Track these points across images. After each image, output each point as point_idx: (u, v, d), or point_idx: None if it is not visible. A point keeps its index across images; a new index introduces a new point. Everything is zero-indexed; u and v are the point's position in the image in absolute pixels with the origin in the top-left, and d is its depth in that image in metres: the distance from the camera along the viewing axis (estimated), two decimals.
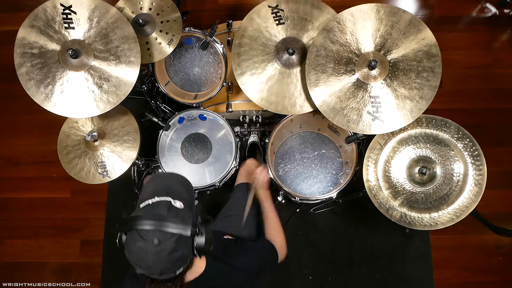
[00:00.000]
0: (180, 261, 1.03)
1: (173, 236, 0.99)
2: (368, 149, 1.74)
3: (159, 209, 1.02)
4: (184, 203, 1.05)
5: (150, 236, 0.98)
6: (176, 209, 1.03)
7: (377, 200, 1.69)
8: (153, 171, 2.25)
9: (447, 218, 1.64)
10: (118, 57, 1.60)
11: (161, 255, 0.98)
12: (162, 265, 1.00)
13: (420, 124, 1.71)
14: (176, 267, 1.03)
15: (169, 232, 0.98)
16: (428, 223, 1.65)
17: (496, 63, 2.68)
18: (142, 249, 0.98)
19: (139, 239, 0.99)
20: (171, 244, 0.99)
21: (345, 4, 1.66)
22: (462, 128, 1.68)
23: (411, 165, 1.71)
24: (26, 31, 1.58)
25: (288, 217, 2.43)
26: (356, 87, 1.60)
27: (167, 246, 0.98)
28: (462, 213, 1.63)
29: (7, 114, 2.74)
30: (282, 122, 2.01)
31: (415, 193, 1.69)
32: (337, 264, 2.40)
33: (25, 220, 2.60)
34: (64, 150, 1.90)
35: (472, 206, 1.63)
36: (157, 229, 0.98)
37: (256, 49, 1.73)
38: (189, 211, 1.06)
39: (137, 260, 1.00)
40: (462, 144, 1.68)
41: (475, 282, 2.41)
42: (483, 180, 1.64)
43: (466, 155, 1.67)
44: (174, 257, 1.00)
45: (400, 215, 1.67)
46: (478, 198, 1.63)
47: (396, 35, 1.59)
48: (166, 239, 0.98)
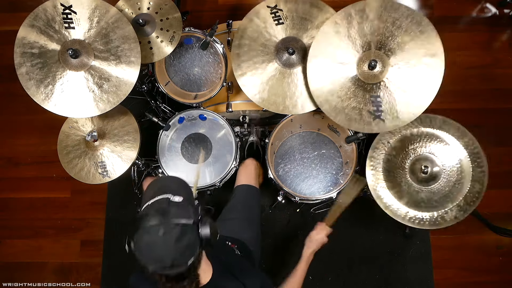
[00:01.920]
0: (188, 249, 1.03)
1: (177, 226, 1.01)
2: (371, 149, 1.74)
3: (160, 204, 1.04)
4: (183, 198, 1.07)
5: (155, 229, 1.00)
6: (176, 203, 1.05)
7: (382, 201, 1.70)
8: (153, 171, 2.25)
9: (453, 215, 1.66)
10: (119, 57, 1.60)
11: (169, 244, 1.00)
12: (171, 254, 1.01)
13: (421, 124, 1.71)
14: (186, 257, 1.03)
15: (173, 222, 1.01)
16: (437, 221, 1.67)
17: (496, 63, 2.67)
18: (149, 242, 1.01)
19: (145, 235, 1.01)
20: (177, 232, 1.00)
21: (345, 4, 1.66)
22: (462, 127, 1.69)
23: (413, 164, 1.71)
24: (26, 31, 1.58)
25: (288, 217, 2.43)
26: (357, 87, 1.60)
27: (173, 234, 1.00)
28: (468, 208, 1.65)
29: (7, 114, 2.74)
30: (282, 122, 2.01)
31: (420, 192, 1.69)
32: (337, 264, 2.40)
33: (25, 220, 2.60)
34: (64, 150, 1.90)
35: (475, 204, 1.64)
36: (161, 221, 1.00)
37: (256, 50, 1.73)
38: (189, 204, 1.07)
39: (147, 255, 1.02)
40: (462, 142, 1.69)
41: (475, 282, 2.41)
42: (485, 177, 1.65)
43: (466, 153, 1.67)
44: (181, 245, 1.01)
45: (407, 214, 1.68)
46: (480, 196, 1.64)
47: (397, 33, 1.58)
48: (171, 229, 1.00)
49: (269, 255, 2.35)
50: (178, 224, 1.01)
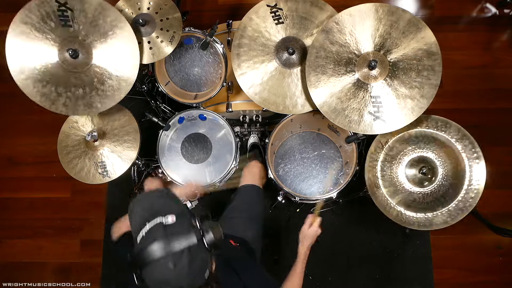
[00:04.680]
0: (202, 266, 1.02)
1: (184, 251, 0.97)
2: (371, 146, 1.74)
3: (156, 233, 0.99)
4: (175, 215, 1.02)
5: (164, 263, 0.96)
6: (171, 226, 1.00)
7: (376, 197, 1.70)
8: (153, 171, 2.25)
9: (441, 220, 1.64)
10: (118, 57, 1.60)
11: (183, 274, 0.97)
12: (188, 279, 0.99)
13: (421, 125, 1.71)
14: (202, 273, 1.02)
15: (178, 249, 0.97)
16: (422, 223, 1.65)
17: (496, 63, 2.67)
18: (162, 277, 0.97)
19: (156, 271, 0.97)
20: (186, 258, 0.97)
21: (345, 3, 1.66)
22: (463, 129, 1.68)
23: (411, 165, 1.71)
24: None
25: (288, 217, 2.43)
26: (357, 88, 1.60)
27: (184, 263, 0.97)
28: (457, 215, 1.63)
29: (7, 114, 2.74)
30: (282, 122, 2.01)
31: (413, 193, 1.69)
32: (337, 264, 2.40)
33: (25, 220, 2.60)
34: (64, 150, 1.90)
35: (470, 207, 1.63)
36: (166, 252, 0.96)
37: (255, 49, 1.73)
38: (184, 220, 1.03)
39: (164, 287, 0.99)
40: (461, 146, 1.67)
41: (475, 282, 2.41)
42: (482, 183, 1.63)
43: (466, 157, 1.66)
44: (195, 267, 0.99)
45: (397, 213, 1.68)
46: (475, 201, 1.62)
47: (395, 35, 1.59)
48: (179, 258, 0.97)
49: (269, 255, 2.35)
50: (183, 249, 0.97)
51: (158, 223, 0.99)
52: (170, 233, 0.98)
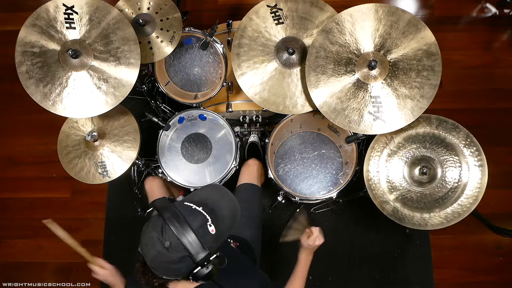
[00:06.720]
0: (173, 274, 1.04)
1: (182, 252, 1.00)
2: (374, 140, 1.73)
3: (194, 219, 1.02)
4: (216, 232, 1.04)
5: (167, 235, 1.00)
6: (206, 231, 1.02)
7: (373, 191, 1.69)
8: (153, 171, 2.25)
9: (437, 221, 1.64)
10: (118, 59, 1.60)
11: (161, 259, 1.01)
12: (156, 264, 1.03)
13: (430, 124, 1.70)
14: (166, 275, 1.05)
15: (182, 246, 0.99)
16: (417, 222, 1.65)
17: (496, 63, 2.68)
18: (152, 241, 1.01)
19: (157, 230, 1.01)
20: (175, 256, 1.00)
21: (345, 3, 1.66)
22: (472, 136, 1.66)
23: (413, 163, 1.71)
24: (28, 30, 1.58)
25: (288, 217, 2.43)
26: (357, 88, 1.60)
27: (171, 255, 1.00)
28: (453, 218, 1.63)
29: (7, 114, 2.74)
30: (282, 122, 2.01)
31: (411, 191, 1.69)
32: (337, 264, 2.40)
33: (25, 220, 2.60)
34: (64, 150, 1.90)
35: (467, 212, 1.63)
36: (177, 235, 0.99)
37: (255, 50, 1.73)
38: (214, 241, 1.05)
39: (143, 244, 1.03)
40: (468, 152, 1.66)
41: (475, 282, 2.41)
42: (482, 190, 1.63)
43: (470, 163, 1.65)
44: (170, 267, 1.02)
45: (392, 209, 1.68)
46: (473, 206, 1.62)
47: (395, 35, 1.59)
48: (175, 249, 0.99)
49: (269, 255, 2.35)
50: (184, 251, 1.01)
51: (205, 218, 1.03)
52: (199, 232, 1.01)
